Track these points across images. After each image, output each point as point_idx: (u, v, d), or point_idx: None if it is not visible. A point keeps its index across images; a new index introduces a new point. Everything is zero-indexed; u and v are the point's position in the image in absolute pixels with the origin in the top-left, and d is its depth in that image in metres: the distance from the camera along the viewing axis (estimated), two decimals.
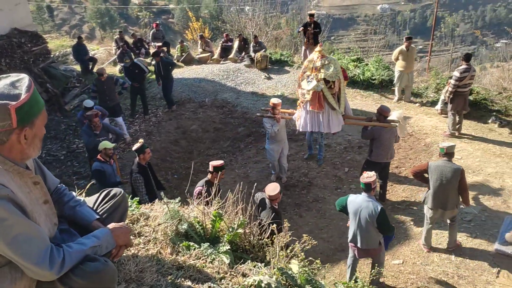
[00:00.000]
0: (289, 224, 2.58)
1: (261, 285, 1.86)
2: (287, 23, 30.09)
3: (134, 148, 6.09)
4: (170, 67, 11.06)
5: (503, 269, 5.57)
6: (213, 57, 14.86)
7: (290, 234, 2.51)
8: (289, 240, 2.46)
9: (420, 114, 10.08)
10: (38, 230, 1.62)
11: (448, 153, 5.69)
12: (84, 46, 14.41)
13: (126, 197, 2.12)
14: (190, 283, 1.98)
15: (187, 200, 2.69)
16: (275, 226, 2.46)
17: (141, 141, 6.15)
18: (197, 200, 2.64)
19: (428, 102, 10.66)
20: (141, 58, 14.16)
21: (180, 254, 2.09)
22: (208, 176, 5.39)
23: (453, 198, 5.68)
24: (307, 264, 2.41)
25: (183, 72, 13.74)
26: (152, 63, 11.33)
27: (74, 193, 2.08)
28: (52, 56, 13.82)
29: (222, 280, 2.02)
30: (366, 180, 4.91)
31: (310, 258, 2.44)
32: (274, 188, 5.07)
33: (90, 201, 2.11)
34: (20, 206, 1.58)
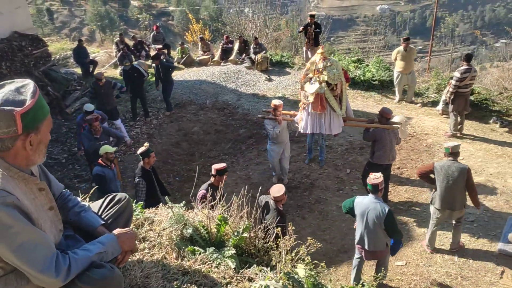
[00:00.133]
0: (293, 227, 2.57)
1: None
2: (287, 25, 30.16)
3: (139, 152, 6.04)
4: (170, 70, 11.06)
5: (507, 270, 5.55)
6: (214, 59, 14.85)
7: (295, 237, 2.50)
8: (294, 244, 2.45)
9: (421, 115, 10.07)
10: (44, 237, 1.60)
11: (454, 153, 5.68)
12: (85, 49, 14.43)
13: (131, 202, 2.11)
14: None
15: (192, 204, 2.68)
16: (281, 229, 2.45)
17: (147, 145, 6.09)
18: (201, 204, 2.63)
19: (429, 103, 10.65)
20: (142, 61, 14.15)
21: (186, 259, 2.08)
22: (211, 180, 5.38)
23: (461, 198, 5.66)
24: (313, 267, 2.39)
25: (184, 74, 13.73)
26: (153, 66, 11.34)
27: (79, 198, 2.07)
28: (53, 59, 13.82)
29: (228, 285, 2.00)
30: (374, 182, 4.86)
31: (315, 261, 2.43)
32: (279, 189, 5.04)
33: (95, 207, 2.10)
34: (26, 213, 1.57)
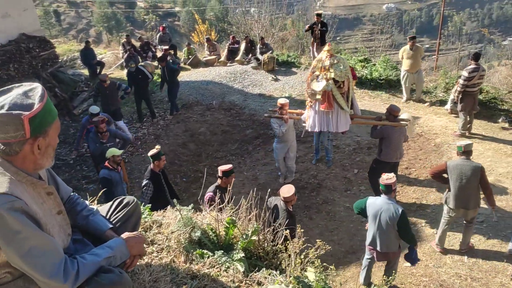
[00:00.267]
0: (302, 230, 2.54)
1: None
2: (293, 24, 30.09)
3: (150, 154, 6.00)
4: (175, 72, 11.06)
5: None
6: (220, 60, 14.85)
7: (304, 240, 2.47)
8: (304, 246, 2.42)
9: (430, 114, 9.99)
10: (52, 242, 1.60)
11: (466, 151, 5.64)
12: (92, 50, 14.49)
13: (139, 205, 2.09)
14: None
15: (200, 207, 2.67)
16: (291, 231, 2.43)
17: (158, 148, 6.07)
18: (209, 207, 2.61)
19: (437, 102, 10.56)
20: (149, 62, 14.19)
21: (194, 263, 2.06)
22: (218, 181, 5.36)
23: (475, 197, 5.62)
24: (322, 270, 2.37)
25: (190, 75, 13.74)
26: (159, 67, 11.37)
27: (87, 202, 2.06)
28: (60, 61, 13.90)
29: None
30: (386, 182, 4.80)
31: (325, 264, 2.40)
32: (289, 190, 5.00)
33: (103, 210, 2.09)
34: (34, 218, 1.56)
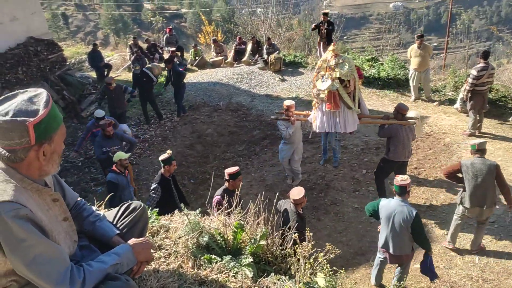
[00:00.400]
0: (310, 232, 2.51)
1: None
2: (300, 24, 30.04)
3: (161, 159, 5.99)
4: (181, 76, 11.04)
5: None
6: (227, 61, 14.85)
7: (313, 243, 2.44)
8: (313, 250, 2.39)
9: (439, 113, 9.89)
10: (58, 250, 1.58)
11: (480, 150, 5.59)
12: (99, 53, 14.56)
13: (146, 211, 2.07)
14: None
15: (208, 211, 2.64)
16: (301, 234, 2.39)
17: (169, 152, 6.04)
18: (217, 210, 2.58)
19: (447, 101, 10.45)
20: (156, 63, 14.23)
21: (202, 268, 2.03)
22: (226, 184, 5.34)
23: (491, 195, 5.54)
24: (331, 274, 2.33)
25: (197, 76, 13.75)
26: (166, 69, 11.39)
27: (94, 207, 2.04)
28: (68, 64, 13.98)
29: None
30: (401, 183, 4.73)
31: (334, 268, 2.36)
32: (299, 192, 4.96)
33: (110, 215, 2.08)
34: (39, 226, 1.54)
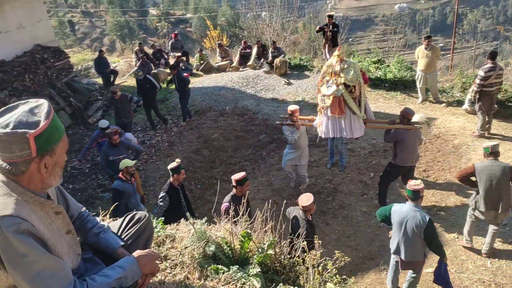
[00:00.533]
0: (320, 241, 2.46)
1: None
2: (305, 27, 30.00)
3: (170, 167, 5.92)
4: (185, 83, 10.99)
5: None
6: (232, 65, 14.84)
7: (322, 251, 2.39)
8: (322, 259, 2.34)
9: (447, 115, 9.79)
10: (61, 265, 1.54)
11: (494, 152, 5.54)
12: (105, 59, 14.62)
13: (151, 221, 2.04)
14: None
15: (214, 219, 2.61)
16: (309, 242, 2.34)
17: (178, 161, 5.98)
18: (225, 218, 2.54)
19: (454, 102, 10.35)
20: (161, 69, 14.26)
21: (209, 279, 1.98)
22: (234, 191, 5.30)
23: (506, 198, 5.46)
24: (341, 282, 2.28)
25: (203, 81, 13.75)
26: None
27: (98, 219, 2.01)
28: (75, 70, 14.07)
29: None
30: (414, 188, 4.64)
31: (344, 277, 2.31)
32: (308, 198, 4.90)
33: (115, 226, 2.04)
34: (41, 240, 1.51)
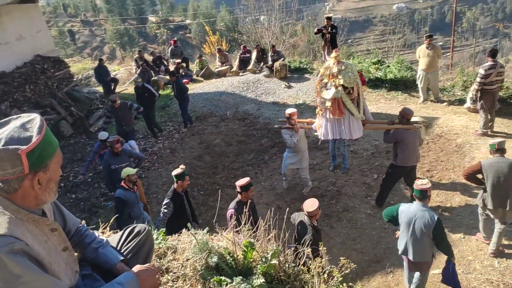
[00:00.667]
0: (325, 248, 2.41)
1: None
2: (303, 30, 30.05)
3: (174, 173, 5.89)
4: (184, 90, 10.96)
5: None
6: (232, 70, 14.83)
7: (328, 258, 2.34)
8: (328, 267, 2.30)
9: (449, 114, 9.73)
10: (56, 285, 1.50)
11: (500, 149, 5.50)
12: (105, 68, 14.64)
13: (152, 234, 2.00)
14: None
15: (216, 230, 2.57)
16: (314, 250, 2.30)
17: (183, 168, 5.96)
18: (231, 224, 2.50)
19: (456, 101, 10.29)
20: (161, 76, 14.27)
21: None
22: (239, 197, 5.27)
23: None
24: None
25: (203, 87, 13.75)
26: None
27: (99, 231, 1.97)
28: (75, 80, 14.12)
29: None
30: (422, 187, 4.59)
31: (350, 284, 2.27)
32: (313, 204, 4.84)
33: (114, 240, 2.00)
34: (36, 259, 1.47)
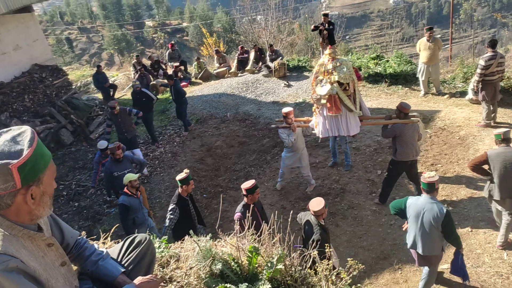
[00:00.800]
0: (331, 249, 2.36)
1: None
2: (301, 28, 30.01)
3: (178, 178, 5.82)
4: (181, 94, 10.88)
5: None
6: (231, 71, 14.79)
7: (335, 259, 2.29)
8: (335, 270, 2.24)
9: (450, 106, 9.66)
10: None
11: (506, 139, 5.43)
12: (103, 74, 14.62)
13: (153, 243, 1.95)
14: None
15: (219, 236, 2.51)
16: (320, 252, 2.25)
17: (187, 172, 5.90)
18: (238, 228, 2.44)
19: (457, 93, 10.22)
20: (160, 79, 14.24)
21: None
22: (245, 200, 5.22)
23: None
24: None
25: (202, 89, 13.70)
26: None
27: (96, 245, 1.91)
28: (74, 87, 14.08)
29: None
30: (429, 180, 4.55)
31: (359, 285, 2.21)
32: (319, 203, 4.78)
33: (114, 252, 1.94)
34: (33, 276, 1.42)
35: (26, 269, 1.40)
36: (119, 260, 1.91)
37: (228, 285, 1.86)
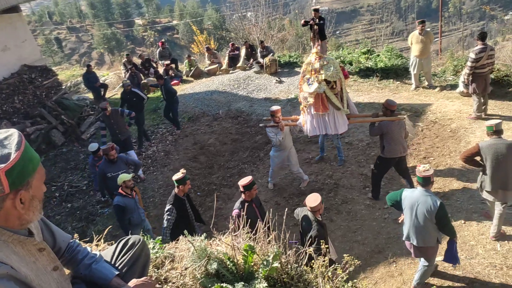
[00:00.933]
0: (327, 246, 2.35)
1: None
2: (291, 24, 29.99)
3: (175, 178, 5.80)
4: (172, 93, 10.80)
5: None
6: (222, 68, 14.75)
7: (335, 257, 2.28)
8: (332, 267, 2.24)
9: (441, 99, 9.71)
10: None
11: (497, 130, 5.47)
12: (94, 74, 14.47)
13: (147, 245, 1.92)
14: None
15: (214, 235, 2.50)
16: (317, 249, 2.24)
17: (184, 172, 5.87)
18: (236, 224, 2.43)
19: (448, 86, 10.27)
20: (151, 78, 14.15)
21: None
22: (243, 196, 5.21)
23: None
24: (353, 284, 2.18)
25: (194, 87, 13.64)
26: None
27: (89, 248, 1.89)
28: (64, 87, 13.96)
29: None
30: (424, 174, 4.60)
31: (355, 280, 2.21)
32: (315, 199, 4.78)
33: (108, 254, 1.91)
34: (24, 283, 1.39)
35: (17, 276, 1.37)
36: (113, 263, 1.88)
37: (224, 285, 1.85)
